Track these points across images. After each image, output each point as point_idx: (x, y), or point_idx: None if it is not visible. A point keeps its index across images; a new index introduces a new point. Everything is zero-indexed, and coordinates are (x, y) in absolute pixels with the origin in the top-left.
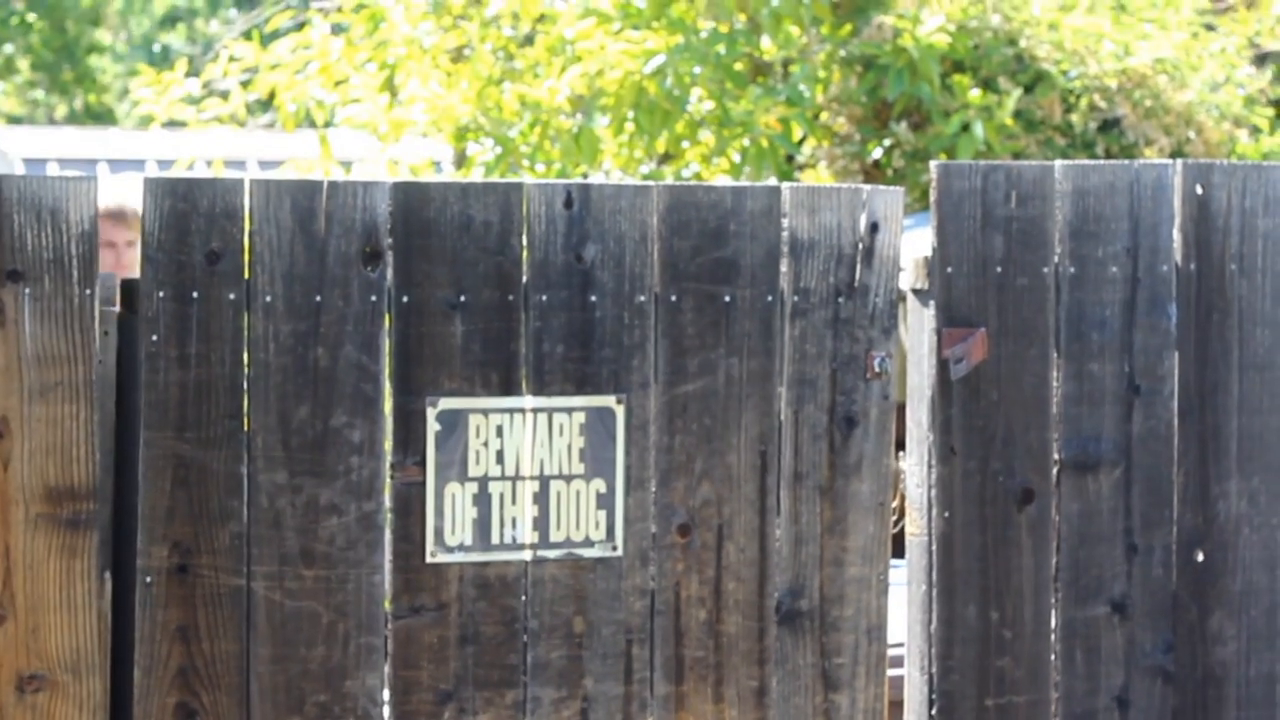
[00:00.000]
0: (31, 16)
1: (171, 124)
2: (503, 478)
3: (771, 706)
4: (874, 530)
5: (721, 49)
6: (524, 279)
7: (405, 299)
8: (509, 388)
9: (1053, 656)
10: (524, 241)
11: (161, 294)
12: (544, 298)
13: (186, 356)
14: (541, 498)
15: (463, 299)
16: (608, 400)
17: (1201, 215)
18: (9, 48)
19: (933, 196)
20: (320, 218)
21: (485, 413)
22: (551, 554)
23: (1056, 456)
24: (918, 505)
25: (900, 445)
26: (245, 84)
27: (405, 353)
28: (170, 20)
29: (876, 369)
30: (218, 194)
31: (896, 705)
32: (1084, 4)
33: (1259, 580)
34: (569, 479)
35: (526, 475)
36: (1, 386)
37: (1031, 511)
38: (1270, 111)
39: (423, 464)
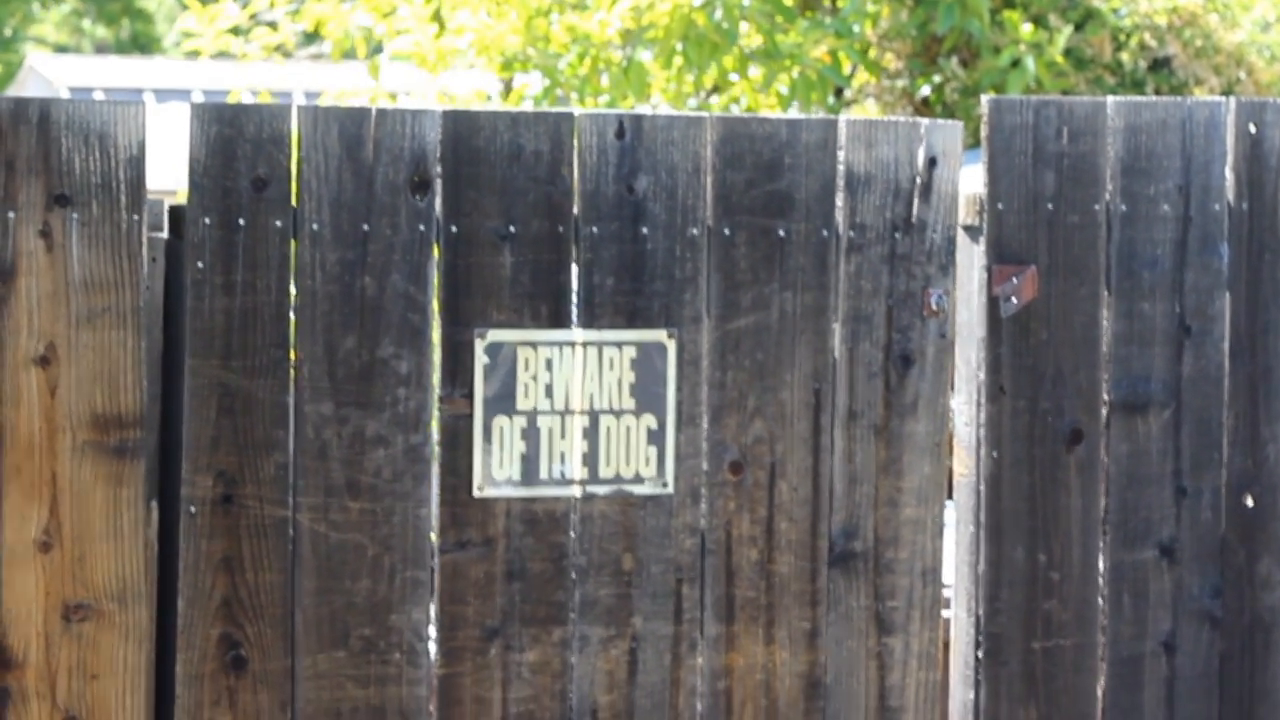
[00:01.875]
0: None
1: (219, 55)
2: (552, 411)
3: (823, 649)
4: (930, 471)
5: None
6: (575, 210)
7: (454, 229)
8: (558, 320)
9: (1100, 600)
10: (575, 172)
11: (208, 220)
12: (595, 229)
13: (232, 284)
14: (591, 433)
15: (512, 229)
16: (659, 335)
17: (1254, 154)
18: None
19: (984, 131)
20: (369, 145)
21: (534, 345)
22: (601, 490)
23: (1106, 397)
24: (966, 444)
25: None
26: (293, 14)
27: (454, 283)
28: None
29: (934, 306)
30: (264, 120)
31: (944, 646)
32: None
33: None
34: (619, 414)
35: (576, 410)
36: (49, 312)
37: (1080, 452)
38: None
39: (470, 396)
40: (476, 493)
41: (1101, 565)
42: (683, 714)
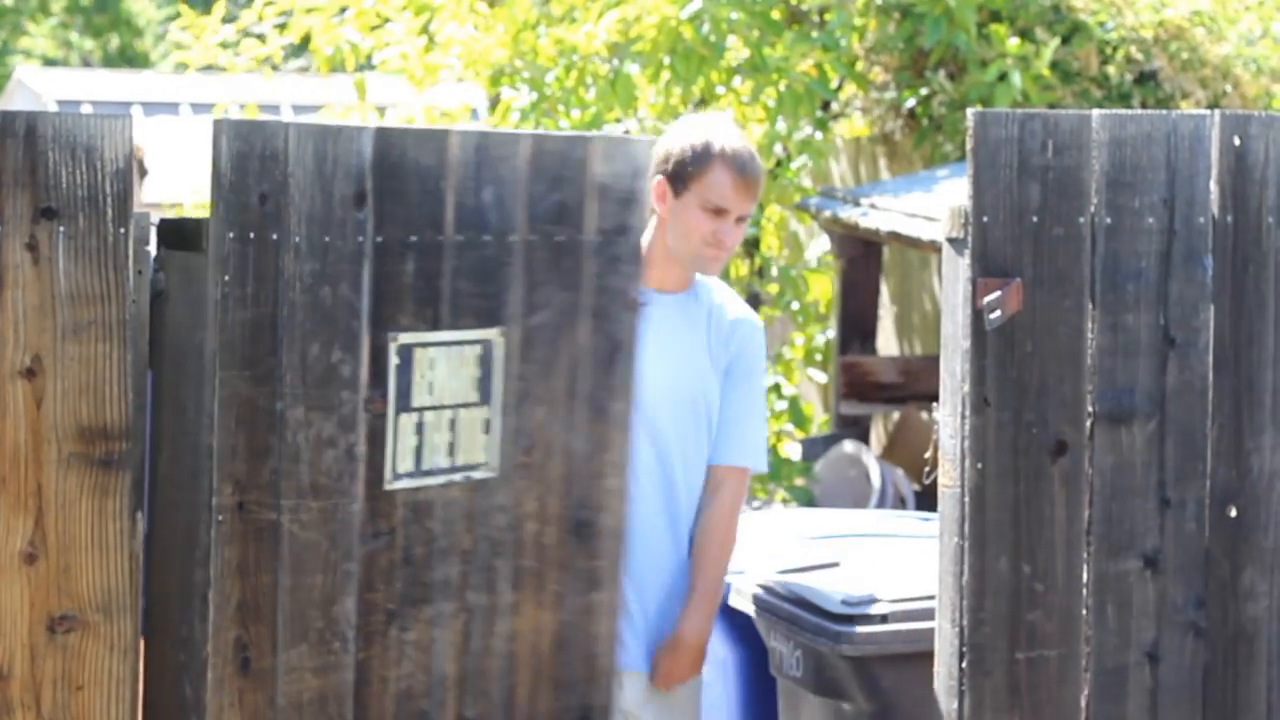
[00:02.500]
0: None
1: (208, 68)
2: (432, 408)
3: (566, 608)
4: (623, 444)
5: None
6: (448, 219)
7: (379, 239)
8: (437, 322)
9: (1084, 610)
10: (450, 185)
11: (231, 235)
12: (460, 237)
13: (245, 297)
14: (454, 425)
15: (412, 239)
16: (493, 333)
17: (1239, 167)
18: None
19: (969, 144)
20: (329, 161)
21: (425, 346)
22: (456, 477)
23: (1090, 408)
24: (951, 456)
25: (934, 396)
26: (281, 28)
27: (378, 290)
28: None
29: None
30: (266, 137)
31: (928, 656)
32: None
33: None
34: (469, 406)
35: (445, 404)
36: (35, 325)
37: (1065, 464)
38: None
39: (385, 396)
40: (386, 486)
41: (1085, 576)
42: (491, 676)
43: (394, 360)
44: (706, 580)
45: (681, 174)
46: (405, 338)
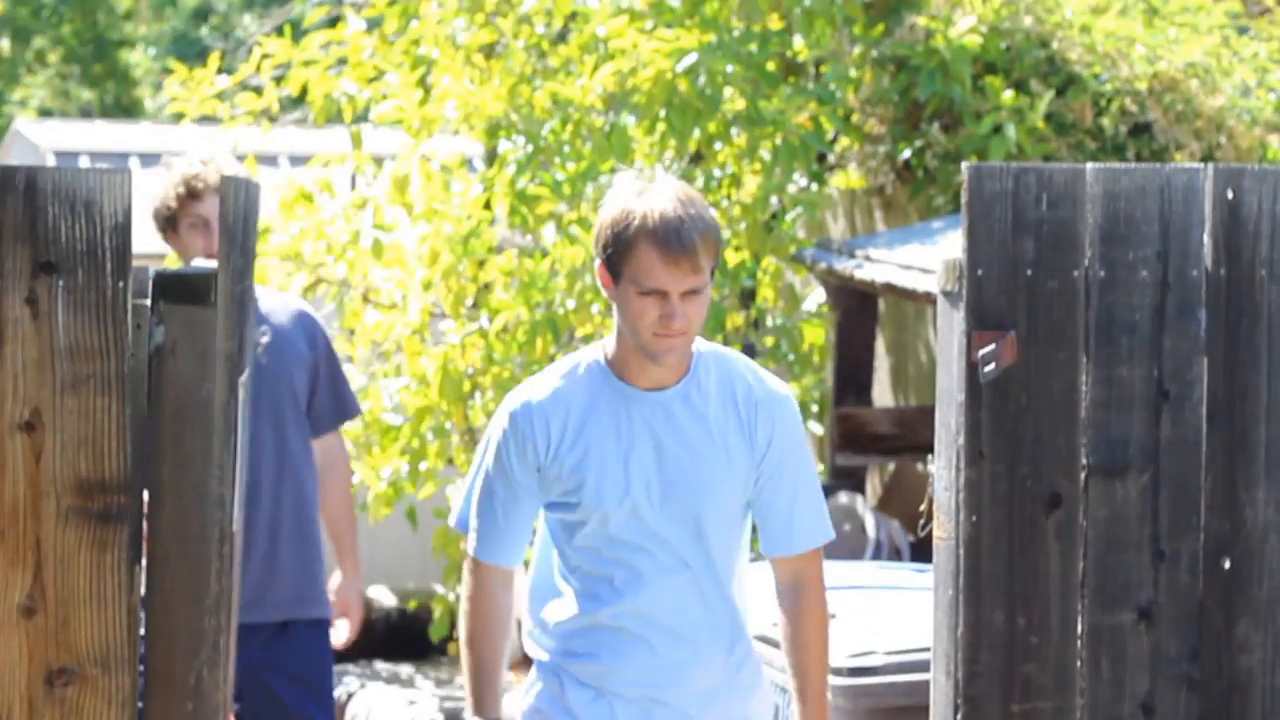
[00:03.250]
0: (63, 9)
1: (204, 119)
2: None
3: None
4: None
5: (754, 48)
6: None
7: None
8: None
9: (1079, 663)
10: None
11: (239, 288)
12: None
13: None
14: None
15: None
16: None
17: (1232, 220)
18: (41, 40)
19: (964, 198)
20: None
21: None
22: None
23: (1084, 461)
24: (945, 509)
25: (929, 448)
26: (277, 80)
27: None
28: (202, 15)
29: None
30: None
31: (923, 709)
32: (1116, 8)
33: None
34: None
35: None
36: (34, 378)
37: (1059, 516)
38: None
39: None
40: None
41: (1080, 628)
42: None
43: None
44: (816, 686)
45: (612, 258)
46: None
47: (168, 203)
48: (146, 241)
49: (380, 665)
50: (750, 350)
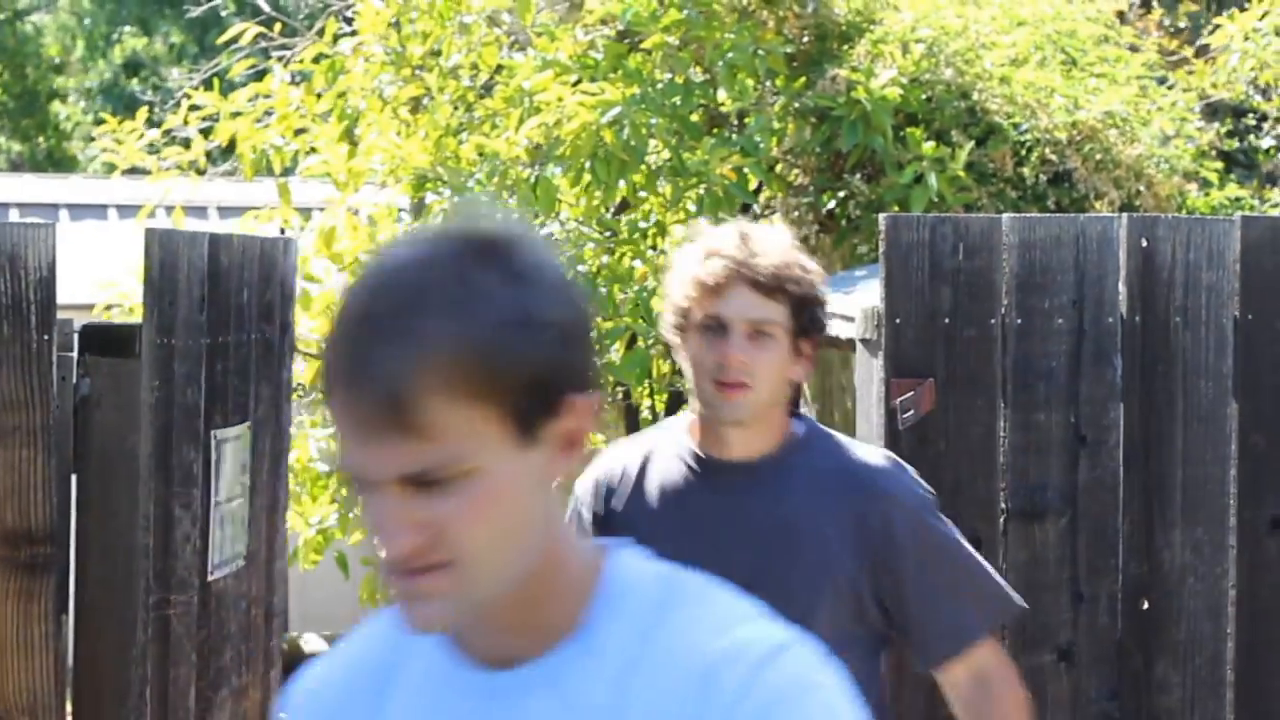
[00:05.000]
0: None
1: (133, 170)
2: (227, 500)
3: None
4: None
5: (678, 100)
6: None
7: (206, 340)
8: (226, 419)
9: None
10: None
11: (159, 340)
12: (236, 338)
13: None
14: (232, 517)
15: (220, 339)
16: (244, 428)
17: (1146, 268)
18: None
19: (881, 248)
20: (190, 266)
21: (225, 442)
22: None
23: (1003, 505)
24: None
25: None
26: (205, 132)
27: (208, 389)
28: (131, 67)
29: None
30: (182, 245)
31: None
32: (1035, 59)
33: (1202, 629)
34: (237, 499)
35: (232, 497)
36: None
37: None
38: (1220, 164)
39: (209, 491)
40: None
41: None
42: None
43: (212, 455)
44: None
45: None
46: (217, 433)
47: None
48: (70, 293)
49: None
50: (678, 397)
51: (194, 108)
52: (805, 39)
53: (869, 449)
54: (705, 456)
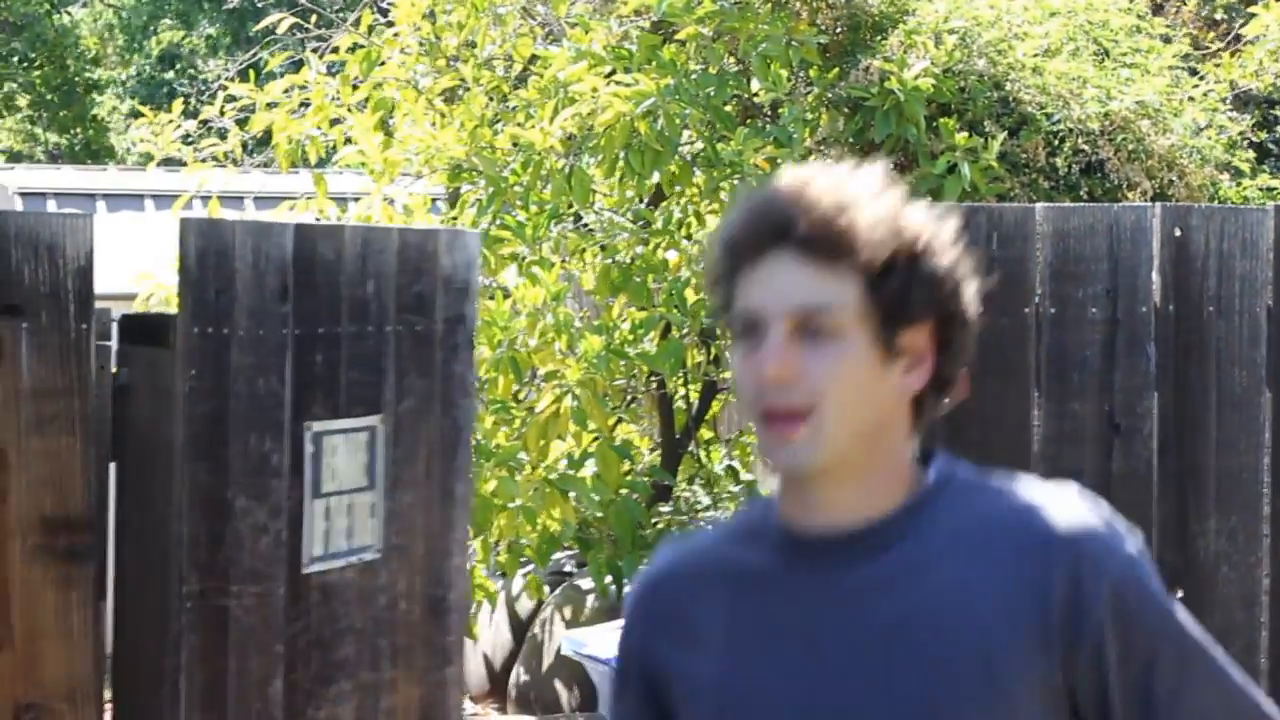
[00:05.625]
0: (33, 55)
1: (170, 161)
2: (337, 493)
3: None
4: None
5: (711, 91)
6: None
7: (298, 331)
8: (336, 411)
9: None
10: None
11: (195, 330)
12: (353, 329)
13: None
14: (351, 510)
15: (320, 331)
16: (375, 420)
17: (1180, 257)
18: (9, 85)
19: None
20: (262, 256)
21: (329, 434)
22: (353, 559)
23: None
24: None
25: None
26: (241, 123)
27: (297, 381)
28: (168, 59)
29: None
30: (220, 234)
31: None
32: (1067, 50)
33: (1238, 618)
34: (361, 491)
35: (345, 489)
36: (0, 419)
37: None
38: (1252, 154)
39: (303, 482)
40: (304, 570)
41: None
42: None
43: (309, 448)
44: None
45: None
46: (317, 426)
47: None
48: (107, 283)
49: None
50: (713, 389)
51: (230, 99)
52: (838, 30)
53: (1047, 487)
54: (792, 531)
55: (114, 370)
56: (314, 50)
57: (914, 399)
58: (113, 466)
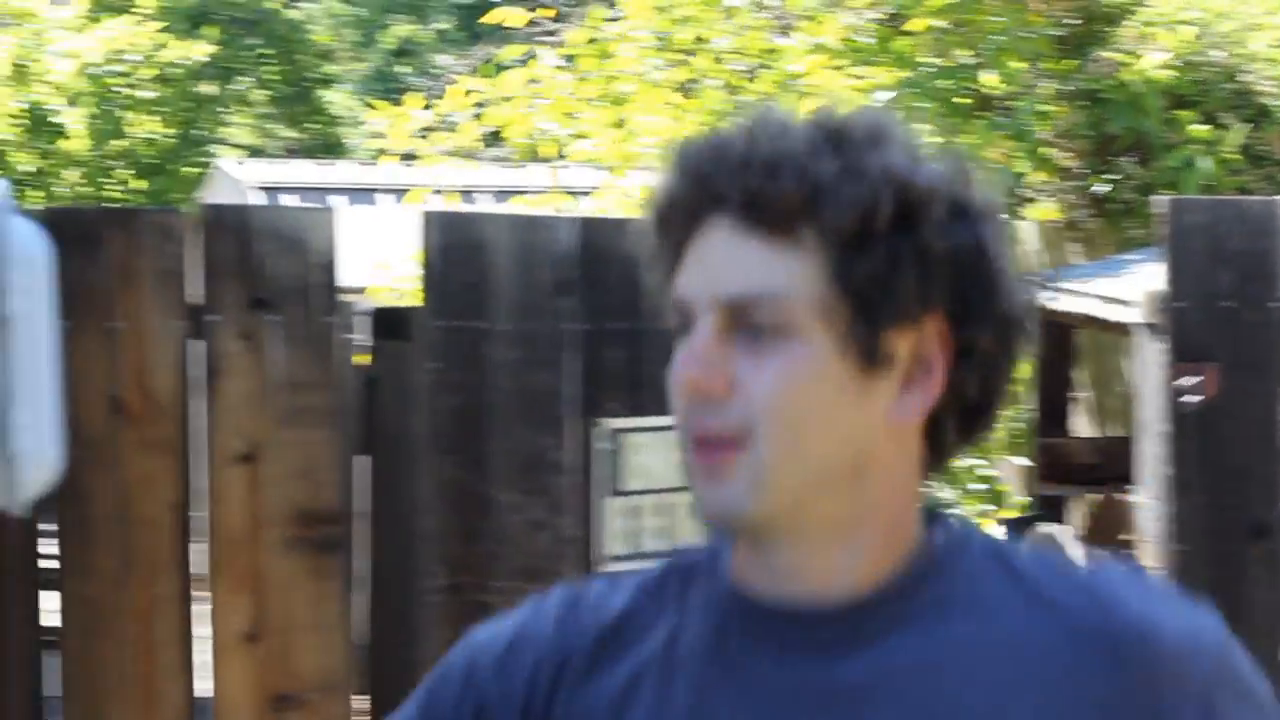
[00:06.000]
0: (266, 51)
1: (404, 156)
2: (644, 491)
3: None
4: None
5: (948, 84)
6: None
7: (586, 327)
8: (639, 409)
9: None
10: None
11: (438, 323)
12: (653, 324)
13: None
14: (667, 510)
15: (609, 326)
16: None
17: None
18: (244, 81)
19: (1163, 231)
20: (532, 249)
21: (630, 432)
22: None
23: None
24: (1152, 539)
25: (1129, 478)
26: (476, 117)
27: (586, 378)
28: (399, 53)
29: None
30: (471, 228)
31: None
32: None
33: None
34: (678, 491)
35: (658, 488)
36: (250, 412)
37: (1264, 546)
38: None
39: (594, 480)
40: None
41: None
42: None
43: (602, 445)
44: None
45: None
46: (612, 423)
47: None
48: (343, 276)
49: None
50: None
51: (466, 92)
52: (1072, 21)
53: (1095, 566)
54: (749, 601)
55: (358, 362)
56: (547, 44)
57: (926, 427)
58: (365, 459)
